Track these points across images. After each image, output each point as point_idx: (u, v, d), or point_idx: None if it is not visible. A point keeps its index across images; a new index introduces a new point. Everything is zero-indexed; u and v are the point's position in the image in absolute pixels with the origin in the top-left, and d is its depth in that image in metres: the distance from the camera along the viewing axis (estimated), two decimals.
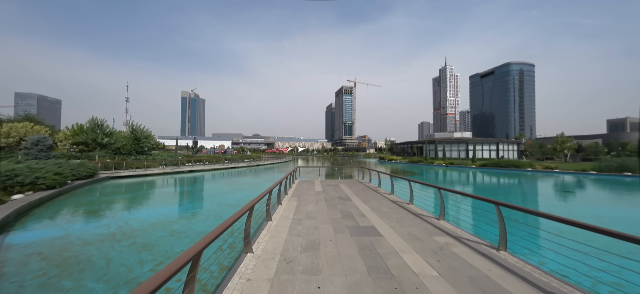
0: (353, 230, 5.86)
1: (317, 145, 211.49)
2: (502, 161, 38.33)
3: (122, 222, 9.46)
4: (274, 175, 30.44)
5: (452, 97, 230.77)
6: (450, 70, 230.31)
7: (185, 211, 11.48)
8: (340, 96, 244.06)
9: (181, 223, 9.49)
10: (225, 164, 39.36)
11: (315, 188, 12.78)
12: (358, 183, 14.62)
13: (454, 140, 59.70)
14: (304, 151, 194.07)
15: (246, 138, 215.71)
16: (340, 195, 10.67)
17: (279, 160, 67.70)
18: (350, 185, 13.72)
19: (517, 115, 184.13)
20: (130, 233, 8.10)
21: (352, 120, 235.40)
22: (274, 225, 6.18)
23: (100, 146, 30.12)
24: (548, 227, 6.25)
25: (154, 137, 37.82)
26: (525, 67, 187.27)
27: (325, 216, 7.00)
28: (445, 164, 44.54)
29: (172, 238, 7.82)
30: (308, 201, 9.26)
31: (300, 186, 13.49)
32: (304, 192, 11.35)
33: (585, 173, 28.06)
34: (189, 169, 29.56)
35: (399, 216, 7.17)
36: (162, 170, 26.49)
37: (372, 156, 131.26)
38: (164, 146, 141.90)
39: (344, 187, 13.03)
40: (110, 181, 20.09)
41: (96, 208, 11.77)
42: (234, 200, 13.75)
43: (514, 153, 58.46)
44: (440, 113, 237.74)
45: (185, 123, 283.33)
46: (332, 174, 30.34)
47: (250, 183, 21.64)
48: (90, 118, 30.56)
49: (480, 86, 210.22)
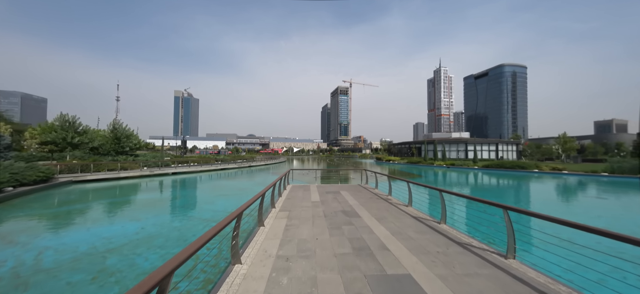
0: (377, 283, 3.53)
1: (313, 146, 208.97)
2: (506, 163, 36.71)
3: (31, 253, 6.62)
4: (266, 177, 27.92)
5: (446, 98, 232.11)
6: (445, 72, 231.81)
7: (138, 233, 8.27)
8: (335, 96, 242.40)
9: (121, 255, 6.58)
10: (214, 165, 36.60)
11: (311, 196, 10.44)
12: (362, 189, 12.32)
13: (452, 140, 58.28)
14: (300, 151, 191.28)
15: (241, 138, 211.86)
16: (345, 207, 8.34)
17: (274, 160, 65.02)
18: (354, 192, 11.40)
19: (510, 116, 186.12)
20: (26, 277, 5.34)
21: (347, 120, 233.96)
22: (242, 275, 3.73)
23: (71, 146, 26.98)
24: (562, 234, 5.41)
25: (137, 136, 34.73)
26: (518, 68, 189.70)
27: (329, 252, 4.61)
28: (446, 165, 42.77)
29: (92, 285, 5.17)
30: (302, 218, 6.92)
31: (294, 193, 11.14)
32: (297, 203, 9.01)
33: (597, 175, 26.51)
34: (172, 171, 26.79)
35: (438, 246, 4.87)
36: (140, 173, 23.65)
37: (368, 157, 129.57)
38: (154, 146, 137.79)
39: (346, 195, 10.71)
40: (72, 186, 17.27)
41: (15, 227, 8.85)
42: (211, 213, 11.22)
43: (513, 153, 57.42)
44: (434, 114, 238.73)
45: (178, 123, 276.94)
46: (330, 177, 27.38)
47: (238, 188, 19.10)
48: (58, 115, 27.33)
49: (475, 87, 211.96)
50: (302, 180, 22.33)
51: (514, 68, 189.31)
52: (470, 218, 9.79)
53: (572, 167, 32.38)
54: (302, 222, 6.47)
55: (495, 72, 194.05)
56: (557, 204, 14.24)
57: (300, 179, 23.03)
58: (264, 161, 58.07)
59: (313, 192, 11.43)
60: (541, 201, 15.49)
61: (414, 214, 7.38)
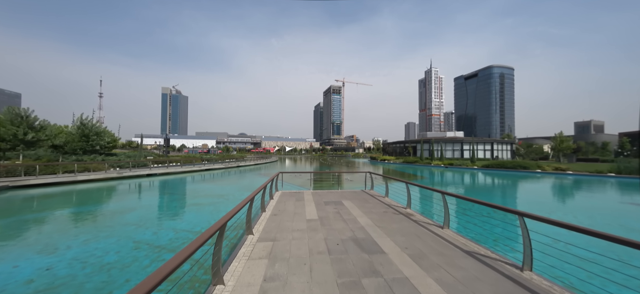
0: None
1: (306, 145, 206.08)
2: (507, 163, 35.47)
3: None
4: (253, 179, 25.14)
5: (436, 98, 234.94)
6: (435, 72, 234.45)
7: (34, 280, 5.23)
8: (328, 95, 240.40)
9: None
10: (198, 166, 33.42)
11: (306, 209, 7.94)
12: (368, 197, 9.95)
13: (448, 140, 57.32)
14: (292, 150, 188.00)
15: (232, 137, 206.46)
16: (355, 230, 5.88)
17: (265, 160, 61.96)
18: (360, 202, 8.99)
19: (498, 116, 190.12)
20: None
21: (340, 119, 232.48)
22: None
23: (24, 143, 23.21)
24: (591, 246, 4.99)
25: (112, 134, 31.08)
26: (506, 70, 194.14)
27: None
28: (443, 165, 41.30)
29: None
30: (293, 253, 4.50)
31: (283, 205, 8.59)
32: (286, 222, 6.51)
33: (603, 176, 25.41)
34: (147, 173, 23.55)
35: None
36: (106, 175, 20.34)
37: (361, 156, 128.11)
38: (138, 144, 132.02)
39: (351, 206, 8.30)
40: (10, 193, 14.02)
41: None
42: (169, 236, 8.49)
43: (508, 153, 57.13)
44: (425, 114, 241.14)
45: (165, 121, 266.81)
46: (327, 180, 23.08)
47: (217, 194, 16.31)
48: (5, 108, 23.35)
49: (465, 88, 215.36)
50: (294, 184, 19.71)
51: (502, 69, 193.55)
52: None
53: (576, 167, 31.40)
54: (292, 271, 3.86)
55: (485, 73, 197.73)
56: (578, 210, 12.39)
57: (291, 184, 20.39)
58: (254, 161, 54.98)
59: (308, 202, 8.92)
60: (556, 205, 13.64)
61: (461, 243, 5.05)
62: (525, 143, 73.47)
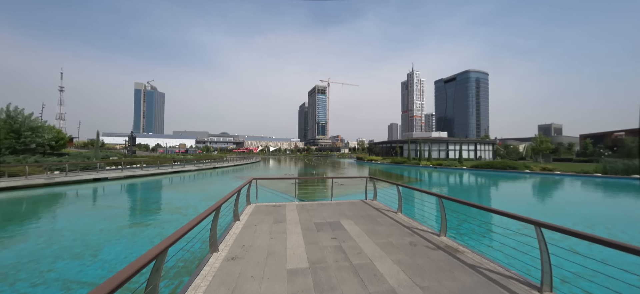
0: None
1: (290, 145, 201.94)
2: (496, 163, 35.34)
3: None
4: (230, 183, 21.95)
5: (418, 100, 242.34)
6: (417, 76, 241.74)
7: None
8: (313, 95, 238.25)
9: None
10: (166, 167, 29.36)
11: (287, 243, 4.95)
12: (379, 215, 7.47)
13: (433, 140, 57.59)
14: (276, 150, 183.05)
15: (213, 136, 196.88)
16: (378, 291, 3.27)
17: (247, 160, 58.06)
18: (371, 226, 6.26)
19: (474, 118, 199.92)
20: None
21: (325, 119, 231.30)
22: None
23: None
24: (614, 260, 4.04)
25: (55, 129, 26.13)
26: (481, 75, 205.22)
27: None
28: (432, 165, 40.64)
29: None
30: None
31: (252, 232, 5.62)
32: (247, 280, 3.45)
33: (590, 176, 25.56)
34: (93, 177, 19.49)
35: None
36: (26, 182, 15.91)
37: (347, 156, 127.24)
38: (103, 143, 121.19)
39: (358, 235, 5.56)
40: None
41: None
42: None
43: (490, 153, 58.66)
44: (408, 115, 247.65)
45: (139, 119, 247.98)
46: (316, 188, 18.72)
47: (174, 208, 13.15)
48: None
49: (444, 91, 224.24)
50: (274, 191, 16.26)
51: (478, 74, 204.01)
52: None
53: (561, 167, 31.84)
54: None
55: (462, 77, 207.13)
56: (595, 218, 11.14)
57: (271, 187, 17.32)
58: (235, 162, 51.03)
59: (291, 225, 6.15)
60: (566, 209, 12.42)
61: None
62: (504, 144, 76.46)
